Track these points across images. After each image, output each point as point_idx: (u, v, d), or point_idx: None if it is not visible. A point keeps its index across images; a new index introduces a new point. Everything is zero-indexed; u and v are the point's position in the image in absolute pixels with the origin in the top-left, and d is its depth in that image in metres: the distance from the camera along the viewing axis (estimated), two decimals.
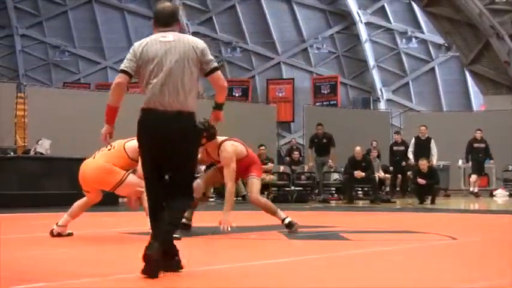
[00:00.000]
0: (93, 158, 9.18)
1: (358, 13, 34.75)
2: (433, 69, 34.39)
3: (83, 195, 9.17)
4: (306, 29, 36.10)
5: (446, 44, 32.35)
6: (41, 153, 17.97)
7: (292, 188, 21.25)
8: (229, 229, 9.38)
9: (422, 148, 21.66)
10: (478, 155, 23.03)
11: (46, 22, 39.09)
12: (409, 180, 21.89)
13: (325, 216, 15.20)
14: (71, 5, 38.64)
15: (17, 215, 14.04)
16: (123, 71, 6.20)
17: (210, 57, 6.24)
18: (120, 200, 15.81)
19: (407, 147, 22.69)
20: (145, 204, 8.41)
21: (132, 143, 8.79)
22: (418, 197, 19.65)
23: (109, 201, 15.90)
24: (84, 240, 9.33)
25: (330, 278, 6.10)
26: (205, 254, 7.93)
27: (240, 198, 20.72)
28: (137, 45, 6.17)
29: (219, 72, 6.27)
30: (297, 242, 9.12)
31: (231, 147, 9.81)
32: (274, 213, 9.99)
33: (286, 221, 9.88)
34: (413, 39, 34.34)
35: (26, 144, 20.71)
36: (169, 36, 6.12)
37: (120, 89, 6.22)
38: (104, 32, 38.49)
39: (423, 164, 19.66)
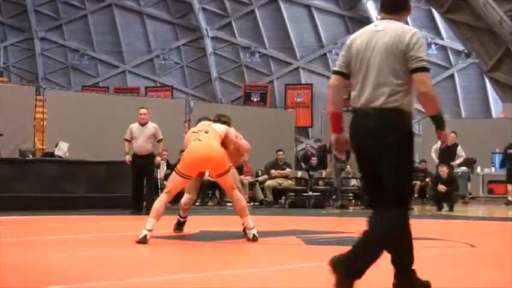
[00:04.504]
0: (200, 140, 9.26)
1: (377, 19, 34.64)
2: (452, 75, 34.27)
3: (101, 199, 9.24)
4: (325, 35, 36.05)
5: (466, 51, 32.22)
6: (60, 156, 18.05)
7: (310, 193, 21.22)
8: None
9: (446, 154, 21.06)
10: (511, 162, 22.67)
11: (66, 26, 39.24)
12: (428, 187, 21.82)
13: (343, 222, 15.18)
14: (91, 8, 38.76)
15: (36, 218, 14.11)
16: (333, 72, 5.52)
17: (416, 54, 5.11)
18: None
19: None
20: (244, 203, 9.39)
21: (217, 125, 9.53)
22: (436, 203, 19.58)
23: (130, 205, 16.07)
24: (108, 243, 9.37)
25: None
26: (225, 258, 7.94)
27: (258, 203, 20.75)
28: (350, 38, 5.47)
29: (421, 74, 5.10)
30: (315, 247, 9.12)
31: None
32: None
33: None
34: (433, 46, 34.22)
35: (44, 147, 20.82)
36: (381, 25, 5.40)
37: (329, 93, 5.45)
38: (123, 36, 38.58)
39: (443, 170, 19.48)
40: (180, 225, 10.54)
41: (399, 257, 5.37)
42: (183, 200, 10.42)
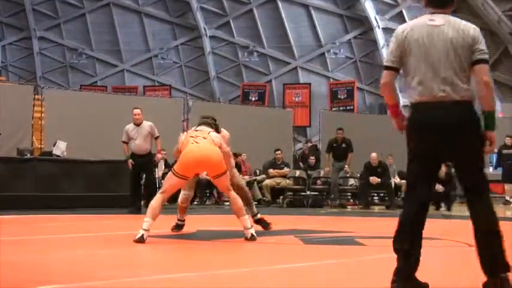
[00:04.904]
0: (198, 143, 9.33)
1: (375, 18, 34.70)
2: None
3: (99, 198, 9.22)
4: (323, 34, 36.08)
5: None
6: (57, 155, 18.03)
7: (308, 192, 21.21)
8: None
9: None
10: (507, 162, 22.65)
11: (64, 25, 39.24)
12: None
13: (341, 221, 15.17)
14: (89, 7, 38.77)
15: (34, 217, 14.09)
16: (386, 68, 5.44)
17: (480, 46, 5.28)
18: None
19: None
20: (241, 203, 9.45)
21: (214, 135, 9.53)
22: (434, 203, 19.56)
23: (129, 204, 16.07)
24: (106, 242, 9.36)
25: (344, 283, 6.08)
26: (223, 257, 7.93)
27: (256, 203, 20.73)
28: (400, 31, 5.48)
29: (484, 66, 5.29)
30: (313, 247, 9.11)
31: None
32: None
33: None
34: None
35: (42, 146, 20.80)
36: (438, 20, 5.41)
37: (386, 90, 5.44)
38: (122, 35, 38.60)
39: (441, 170, 19.40)
40: (178, 227, 10.55)
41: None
42: (180, 198, 10.42)
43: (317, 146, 25.59)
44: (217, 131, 9.95)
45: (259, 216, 10.83)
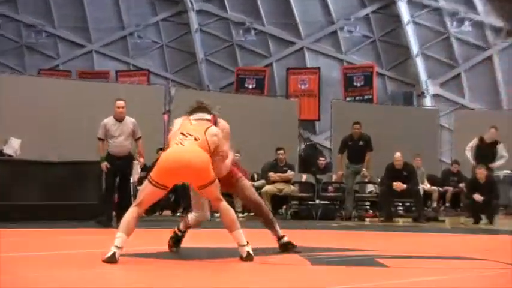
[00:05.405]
0: (182, 145, 9.10)
1: None
2: (490, 57, 34.19)
3: (59, 208, 9.10)
4: (335, 8, 36.03)
5: (506, 28, 32.18)
6: (9, 155, 17.98)
7: (317, 201, 21.15)
8: None
9: (485, 154, 20.78)
10: None
11: None
12: (462, 194, 21.74)
13: (357, 237, 15.13)
14: None
15: None
16: None
17: None
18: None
19: None
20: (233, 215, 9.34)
21: (212, 132, 9.28)
22: (472, 215, 19.49)
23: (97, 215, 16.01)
24: (65, 262, 9.29)
25: None
26: (212, 282, 7.86)
27: (253, 213, 20.68)
28: None
29: None
30: (323, 268, 9.06)
31: None
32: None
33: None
34: (466, 22, 34.18)
35: None
36: None
37: None
38: (90, 10, 38.59)
39: (481, 172, 19.27)
40: (177, 241, 10.42)
41: None
42: (190, 219, 10.33)
43: (316, 145, 25.55)
44: (215, 119, 9.76)
45: (286, 239, 10.47)
